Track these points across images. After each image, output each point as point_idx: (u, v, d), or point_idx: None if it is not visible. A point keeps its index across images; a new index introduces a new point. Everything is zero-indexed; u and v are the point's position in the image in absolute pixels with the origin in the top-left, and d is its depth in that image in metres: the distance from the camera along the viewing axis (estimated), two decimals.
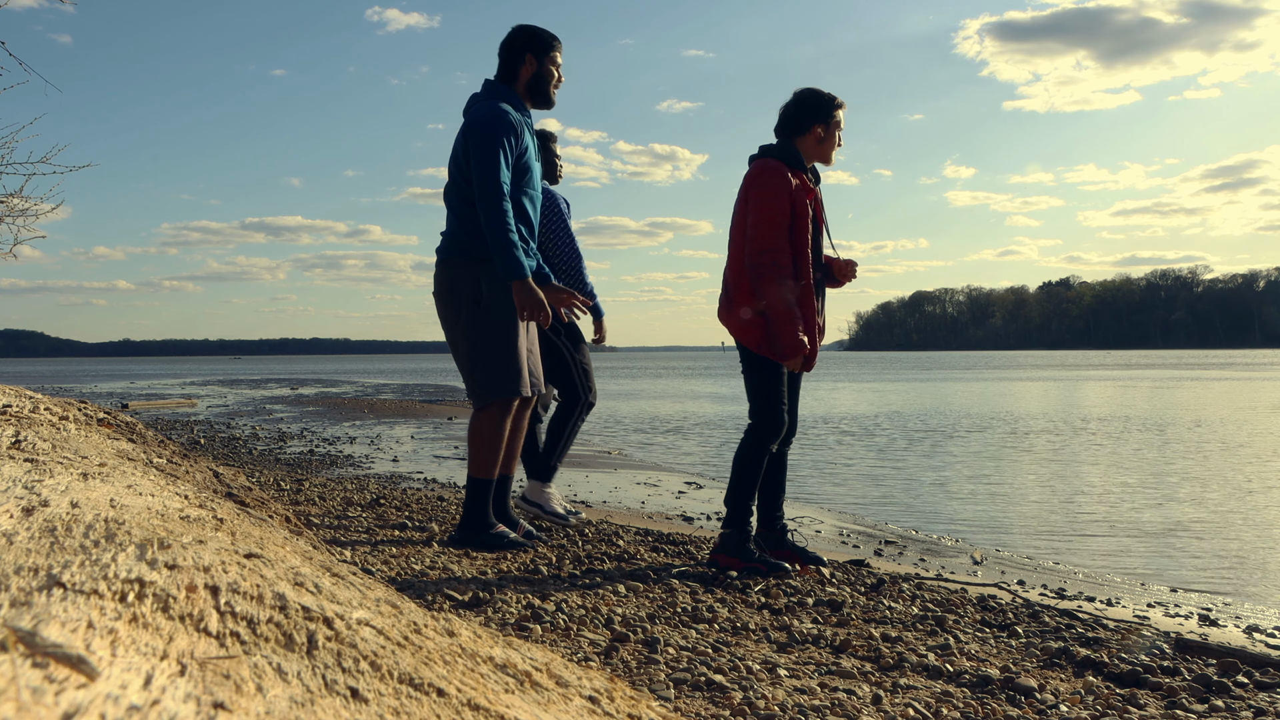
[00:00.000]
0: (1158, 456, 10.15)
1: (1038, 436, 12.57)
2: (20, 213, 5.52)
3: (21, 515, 1.12)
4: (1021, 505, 7.17)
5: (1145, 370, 45.23)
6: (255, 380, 39.92)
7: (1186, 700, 2.27)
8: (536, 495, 4.59)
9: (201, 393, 27.41)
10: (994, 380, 34.43)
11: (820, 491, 7.93)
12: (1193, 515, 6.65)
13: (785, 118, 3.71)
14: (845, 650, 2.54)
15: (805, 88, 3.77)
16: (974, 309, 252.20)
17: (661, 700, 1.87)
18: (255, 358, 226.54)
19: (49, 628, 0.77)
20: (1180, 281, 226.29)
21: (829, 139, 3.73)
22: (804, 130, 3.68)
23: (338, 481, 6.92)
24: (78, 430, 2.32)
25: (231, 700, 0.77)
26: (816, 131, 3.68)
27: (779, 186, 3.56)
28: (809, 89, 3.76)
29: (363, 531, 4.21)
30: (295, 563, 1.23)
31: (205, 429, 13.22)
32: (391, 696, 0.94)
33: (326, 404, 20.59)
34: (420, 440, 11.88)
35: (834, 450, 11.12)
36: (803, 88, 3.77)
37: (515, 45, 3.74)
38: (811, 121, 3.68)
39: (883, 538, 5.74)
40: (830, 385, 31.39)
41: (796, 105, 3.70)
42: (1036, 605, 3.45)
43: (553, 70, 3.76)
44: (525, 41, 3.73)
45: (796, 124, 3.68)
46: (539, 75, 3.74)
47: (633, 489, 7.53)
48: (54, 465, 1.58)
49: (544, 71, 3.74)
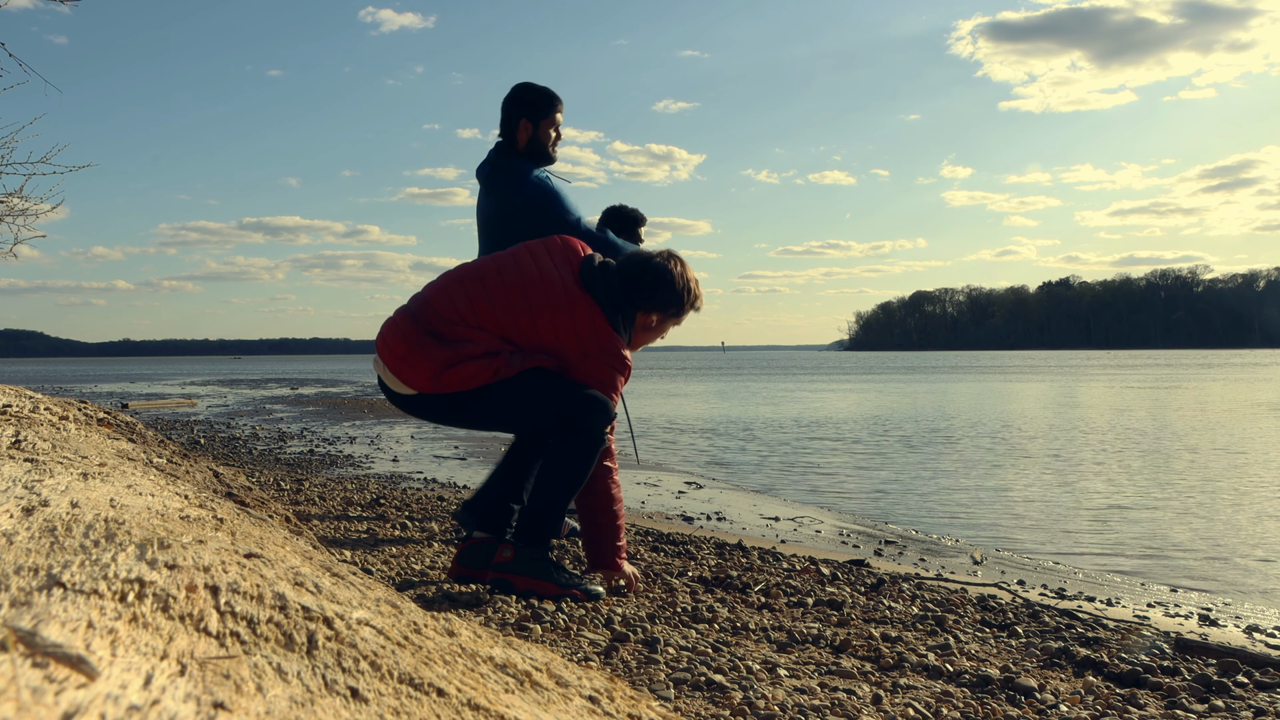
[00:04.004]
0: (1158, 457, 10.15)
1: (1038, 437, 12.57)
2: (20, 213, 5.53)
3: (21, 515, 1.11)
4: (1021, 505, 7.17)
5: (1145, 371, 45.21)
6: (255, 380, 39.91)
7: (1186, 700, 2.26)
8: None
9: (201, 393, 27.40)
10: (994, 381, 34.42)
11: (820, 491, 7.93)
12: (1192, 515, 6.65)
13: None
14: (845, 650, 2.54)
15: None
16: (974, 309, 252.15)
17: (661, 700, 1.87)
18: (255, 358, 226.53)
19: (49, 628, 0.77)
20: (1180, 282, 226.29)
21: (656, 332, 3.16)
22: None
23: (338, 481, 6.92)
24: (78, 430, 2.32)
25: (231, 700, 0.77)
26: (651, 318, 3.10)
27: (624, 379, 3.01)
28: (679, 271, 3.09)
29: (363, 531, 4.21)
30: (295, 563, 1.22)
31: (205, 429, 13.22)
32: (391, 696, 0.94)
33: (326, 404, 20.59)
34: (420, 440, 11.88)
35: (834, 451, 11.12)
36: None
37: (512, 109, 3.78)
38: (657, 308, 3.08)
39: (883, 538, 5.74)
40: (830, 386, 31.39)
41: (655, 281, 3.04)
42: (1036, 605, 3.45)
43: (550, 133, 3.81)
44: (520, 107, 3.77)
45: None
46: (535, 139, 3.77)
47: (633, 489, 7.52)
48: (54, 465, 1.58)
49: (541, 135, 3.77)
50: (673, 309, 3.07)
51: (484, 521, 3.13)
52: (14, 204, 5.42)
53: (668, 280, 3.02)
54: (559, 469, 2.90)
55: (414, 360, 2.80)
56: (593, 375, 2.89)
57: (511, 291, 2.86)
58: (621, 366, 2.90)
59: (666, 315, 3.08)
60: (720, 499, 7.21)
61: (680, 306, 3.08)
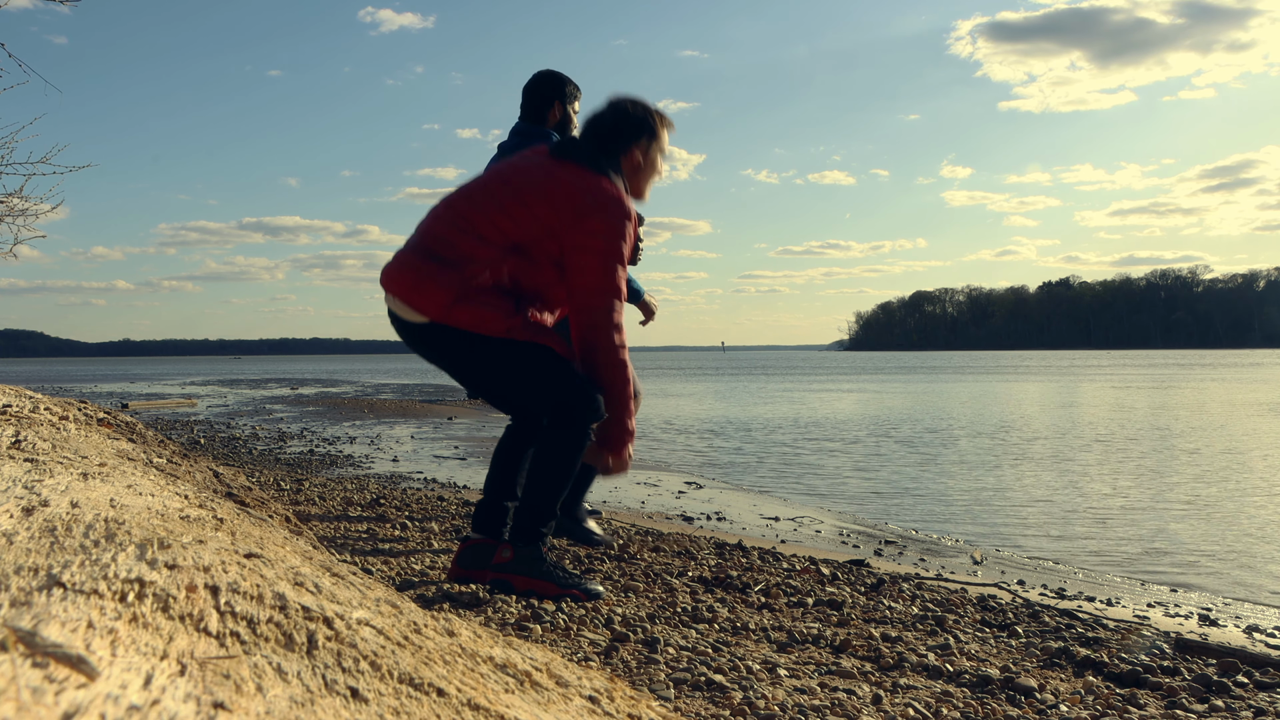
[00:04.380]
0: (1158, 457, 10.15)
1: (1038, 438, 12.57)
2: (20, 213, 5.53)
3: (21, 515, 1.11)
4: (1022, 505, 7.17)
5: (1145, 371, 45.21)
6: (255, 380, 39.91)
7: (1186, 700, 2.26)
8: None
9: (201, 393, 27.40)
10: (994, 381, 34.42)
11: (820, 492, 7.93)
12: (1192, 515, 6.65)
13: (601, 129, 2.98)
14: (845, 650, 2.54)
15: (626, 98, 3.05)
16: (974, 309, 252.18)
17: (661, 700, 1.87)
18: (255, 358, 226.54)
19: (49, 628, 0.77)
20: (1180, 282, 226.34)
21: (649, 166, 3.05)
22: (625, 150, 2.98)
23: (338, 481, 6.92)
24: (78, 430, 2.32)
25: (231, 700, 0.77)
26: (635, 156, 3.00)
27: (631, 230, 2.88)
28: (629, 100, 3.03)
29: (363, 531, 4.21)
30: (295, 563, 1.23)
31: (205, 429, 13.22)
32: (391, 696, 0.94)
33: (326, 404, 20.59)
34: (420, 440, 11.88)
35: (834, 451, 11.12)
36: (623, 97, 3.05)
37: (546, 91, 3.93)
38: (632, 141, 2.99)
39: (883, 538, 5.74)
40: (830, 386, 31.39)
41: (615, 117, 2.99)
42: (1036, 605, 3.45)
43: (574, 117, 3.98)
44: (554, 89, 3.93)
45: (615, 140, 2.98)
46: (564, 120, 3.93)
47: (633, 489, 7.53)
48: (54, 465, 1.58)
49: (569, 115, 3.94)
50: (646, 132, 3.01)
51: (480, 524, 3.12)
52: (14, 204, 5.42)
53: (624, 111, 3.00)
54: (549, 465, 2.88)
55: (424, 287, 2.77)
56: (594, 243, 2.76)
57: (494, 189, 2.84)
58: (623, 210, 2.83)
59: (647, 143, 3.02)
60: (720, 499, 7.21)
61: (651, 127, 3.02)
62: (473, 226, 2.80)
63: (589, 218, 2.77)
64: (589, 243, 2.77)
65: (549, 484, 2.88)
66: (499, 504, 3.12)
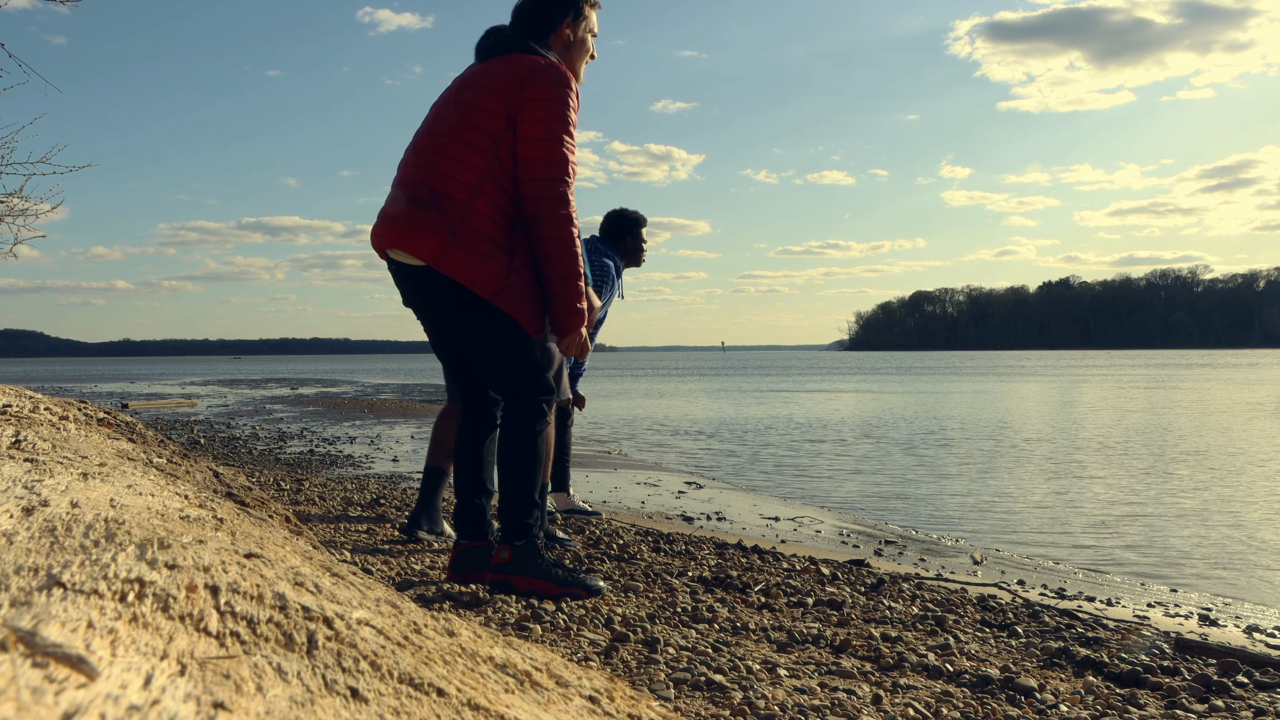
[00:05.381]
0: (1158, 457, 10.15)
1: (1038, 438, 12.57)
2: (20, 213, 5.52)
3: (21, 515, 1.11)
4: (1021, 506, 7.17)
5: (1145, 371, 45.21)
6: (255, 380, 39.91)
7: (1186, 700, 2.26)
8: (565, 503, 5.13)
9: (201, 393, 27.40)
10: (994, 382, 34.41)
11: (820, 492, 7.93)
12: (1192, 516, 6.65)
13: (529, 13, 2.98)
14: (845, 650, 2.54)
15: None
16: (974, 309, 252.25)
17: (661, 700, 1.87)
18: (255, 358, 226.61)
19: (49, 628, 0.77)
20: (1180, 281, 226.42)
21: (579, 45, 3.03)
22: (552, 29, 2.98)
23: (338, 481, 6.92)
24: (78, 430, 2.32)
25: (231, 700, 0.77)
26: (565, 33, 2.99)
27: (574, 99, 2.86)
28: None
29: (363, 531, 4.21)
30: (295, 562, 1.22)
31: (205, 429, 13.22)
32: (391, 696, 0.94)
33: (326, 404, 20.59)
34: (420, 440, 11.87)
35: (834, 451, 11.12)
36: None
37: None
38: (559, 19, 2.98)
39: (883, 538, 5.74)
40: (830, 386, 31.39)
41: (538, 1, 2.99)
42: (1036, 605, 3.45)
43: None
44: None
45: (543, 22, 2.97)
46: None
47: (633, 489, 7.53)
48: (54, 465, 1.58)
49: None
50: (571, 9, 3.01)
51: (463, 529, 3.11)
52: (14, 204, 5.42)
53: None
54: (513, 455, 2.89)
55: (416, 233, 2.78)
56: (537, 112, 2.78)
57: (448, 112, 2.87)
58: (561, 75, 2.83)
59: (574, 19, 3.01)
60: (720, 499, 7.21)
61: (576, 4, 3.02)
62: (438, 142, 2.84)
63: (529, 85, 2.79)
64: (533, 112, 2.79)
65: (520, 475, 2.88)
66: (471, 504, 3.11)
